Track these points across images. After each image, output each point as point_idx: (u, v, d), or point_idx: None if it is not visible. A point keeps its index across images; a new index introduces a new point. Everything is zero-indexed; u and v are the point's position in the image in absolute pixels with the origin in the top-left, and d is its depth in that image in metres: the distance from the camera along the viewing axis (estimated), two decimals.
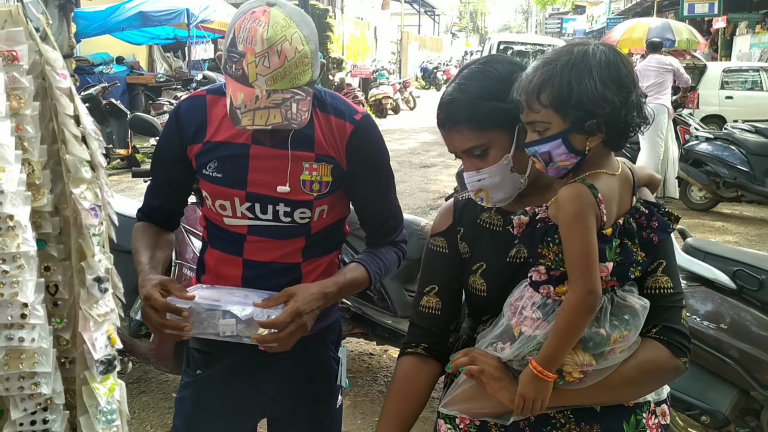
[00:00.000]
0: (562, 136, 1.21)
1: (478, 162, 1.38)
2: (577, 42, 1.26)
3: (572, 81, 1.18)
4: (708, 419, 2.67)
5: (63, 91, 1.10)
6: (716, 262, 2.76)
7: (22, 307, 1.02)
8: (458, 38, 52.32)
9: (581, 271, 1.20)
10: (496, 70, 1.36)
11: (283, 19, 1.36)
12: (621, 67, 1.22)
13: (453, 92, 1.39)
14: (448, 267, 1.52)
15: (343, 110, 1.59)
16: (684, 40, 13.24)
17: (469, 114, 1.35)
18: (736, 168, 7.08)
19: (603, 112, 1.19)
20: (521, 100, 1.25)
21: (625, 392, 1.31)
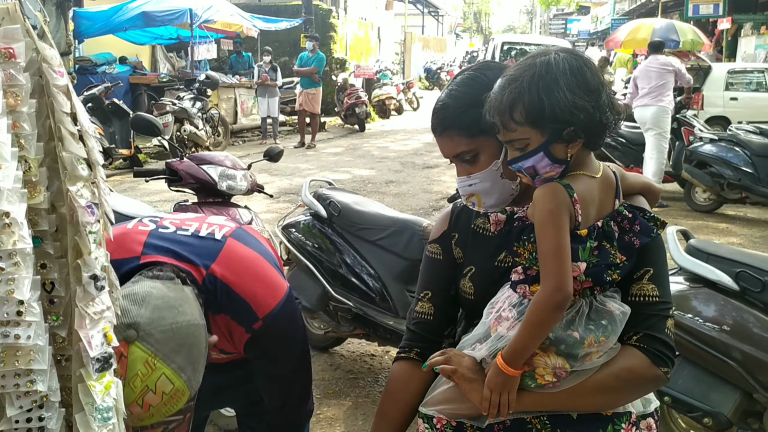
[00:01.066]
0: (543, 148, 1.23)
1: (469, 167, 1.40)
2: (538, 53, 1.27)
3: (542, 95, 1.19)
4: (710, 421, 2.66)
5: (60, 88, 1.09)
6: (719, 264, 2.74)
7: (18, 305, 1.02)
8: (462, 39, 52.30)
9: (551, 268, 1.21)
10: (486, 77, 1.37)
11: (144, 363, 1.18)
12: (585, 71, 1.23)
13: (445, 98, 1.42)
14: (441, 273, 1.54)
15: (242, 315, 1.50)
16: (688, 41, 13.22)
17: (458, 120, 1.37)
18: (741, 169, 7.06)
19: (578, 119, 1.20)
20: (495, 120, 1.25)
21: (600, 399, 1.29)
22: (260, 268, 1.56)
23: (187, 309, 1.28)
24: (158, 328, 1.21)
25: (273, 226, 3.91)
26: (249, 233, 1.66)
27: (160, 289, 1.29)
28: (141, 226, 1.55)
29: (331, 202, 3.64)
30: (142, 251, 1.46)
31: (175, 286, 1.33)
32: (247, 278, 1.51)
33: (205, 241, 1.53)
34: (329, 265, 3.60)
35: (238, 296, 1.48)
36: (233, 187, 3.41)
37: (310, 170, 9.96)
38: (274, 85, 12.95)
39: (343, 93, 15.70)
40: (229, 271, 1.49)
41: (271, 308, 1.52)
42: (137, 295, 1.25)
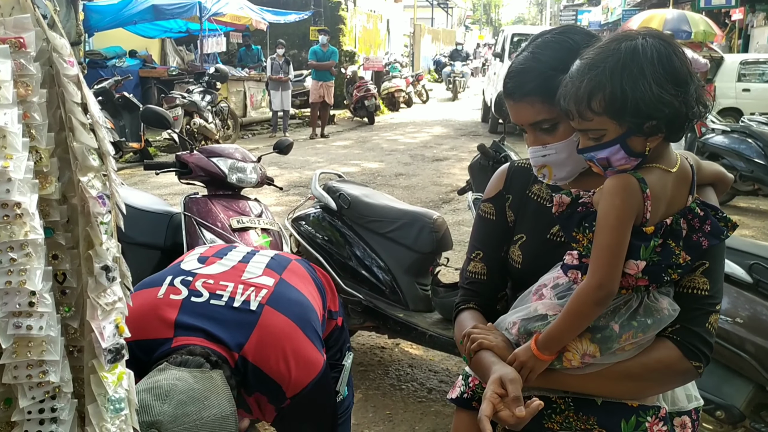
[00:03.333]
0: (620, 141, 1.16)
1: (545, 137, 1.32)
2: (622, 36, 1.18)
3: (625, 86, 1.11)
4: (723, 414, 2.64)
5: (70, 78, 1.09)
6: (732, 256, 2.71)
7: (30, 296, 1.02)
8: (471, 31, 52.02)
9: (600, 264, 1.17)
10: (573, 41, 1.30)
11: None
12: (674, 60, 1.14)
13: (525, 61, 1.32)
14: (494, 234, 1.49)
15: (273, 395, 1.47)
16: (701, 31, 13.07)
17: (541, 85, 1.28)
18: (753, 161, 7.00)
19: (662, 114, 1.12)
20: (570, 107, 1.18)
21: (625, 387, 1.26)
22: (295, 345, 1.49)
23: (214, 401, 1.24)
24: (181, 425, 1.17)
25: (283, 219, 3.91)
26: (290, 286, 1.58)
27: (186, 381, 1.24)
28: (173, 294, 1.48)
29: (341, 195, 3.63)
30: (174, 333, 1.42)
31: (203, 375, 1.28)
32: (280, 359, 1.45)
33: (239, 314, 1.47)
34: (339, 258, 3.60)
35: (269, 378, 1.45)
36: (243, 180, 3.41)
37: (320, 163, 9.96)
38: (287, 79, 12.95)
39: (352, 86, 15.68)
40: (261, 353, 1.44)
41: (303, 387, 1.47)
42: (161, 388, 1.21)
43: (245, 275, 1.57)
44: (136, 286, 1.58)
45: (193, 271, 1.57)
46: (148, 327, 1.42)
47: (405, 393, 3.49)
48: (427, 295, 3.51)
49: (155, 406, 1.18)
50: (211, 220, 3.19)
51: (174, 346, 1.39)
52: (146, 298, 1.50)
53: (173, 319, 1.44)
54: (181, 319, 1.44)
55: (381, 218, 3.55)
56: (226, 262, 1.62)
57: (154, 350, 1.39)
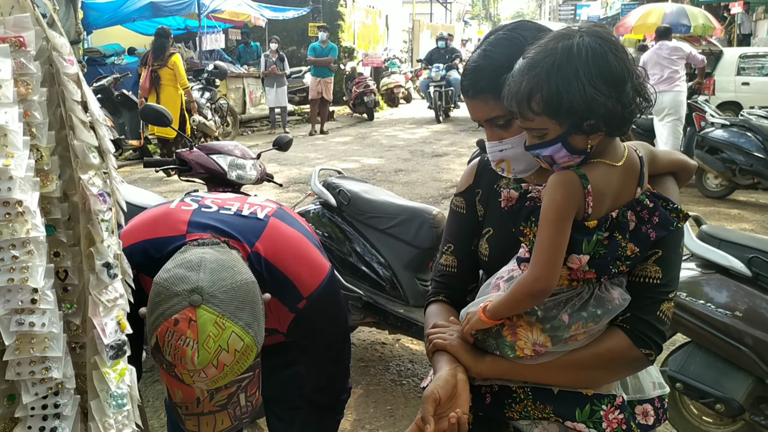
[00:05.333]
0: (561, 140, 1.19)
1: (501, 132, 1.36)
2: (560, 34, 1.20)
3: (559, 87, 1.14)
4: (722, 407, 2.65)
5: (70, 77, 1.10)
6: (731, 249, 2.73)
7: (32, 293, 1.03)
8: (470, 26, 51.96)
9: (539, 258, 1.20)
10: (523, 37, 1.32)
11: (213, 324, 1.18)
12: (610, 58, 1.15)
13: (478, 59, 1.36)
14: (464, 227, 1.53)
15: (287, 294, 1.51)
16: (700, 25, 13.05)
17: (493, 82, 1.30)
18: (753, 155, 7.00)
19: (597, 113, 1.15)
20: (513, 107, 1.21)
21: (577, 376, 1.28)
22: (303, 247, 1.57)
23: (241, 268, 1.30)
24: (220, 288, 1.21)
25: None
26: (290, 214, 1.68)
27: (211, 254, 1.29)
28: (184, 206, 1.56)
29: (341, 191, 3.64)
30: (187, 230, 1.48)
31: (224, 249, 1.35)
32: (290, 257, 1.52)
33: (248, 220, 1.54)
34: (339, 254, 3.60)
35: (282, 274, 1.49)
36: (243, 177, 3.41)
37: (319, 159, 9.96)
38: (282, 75, 12.92)
39: (351, 82, 15.67)
40: (273, 249, 1.50)
41: (315, 287, 1.53)
42: (191, 261, 1.25)
43: (249, 200, 1.65)
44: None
45: (201, 195, 1.65)
46: (161, 228, 1.48)
47: (406, 388, 3.50)
48: (427, 290, 3.51)
49: (191, 275, 1.21)
50: None
51: (187, 240, 1.44)
52: (158, 209, 1.57)
53: (186, 219, 1.50)
54: (194, 220, 1.50)
55: (381, 214, 3.55)
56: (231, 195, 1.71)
57: (167, 246, 1.44)
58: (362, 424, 3.17)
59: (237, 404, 1.28)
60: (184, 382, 1.19)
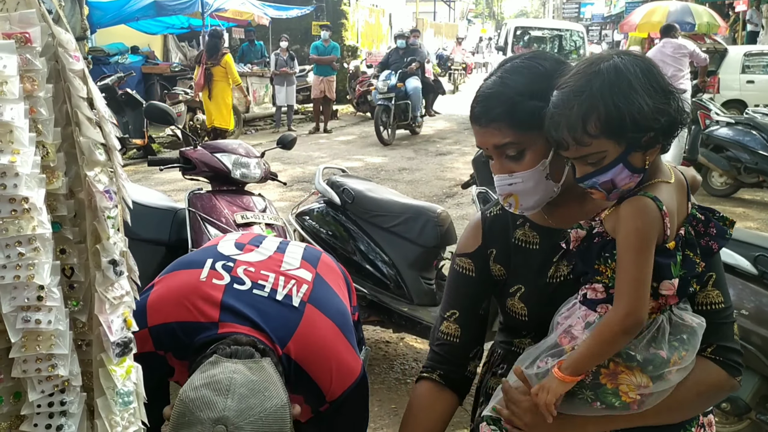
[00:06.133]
0: (622, 159, 1.14)
1: (512, 164, 1.29)
2: (596, 58, 1.17)
3: (618, 103, 1.10)
4: (729, 406, 2.65)
5: (76, 73, 1.09)
6: (737, 248, 2.71)
7: (39, 290, 1.02)
8: (474, 24, 51.90)
9: (627, 292, 1.13)
10: (543, 67, 1.28)
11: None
12: (654, 71, 1.15)
13: (494, 85, 1.30)
14: (472, 292, 1.45)
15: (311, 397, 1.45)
16: (704, 23, 13.02)
17: (509, 110, 1.26)
18: (758, 153, 6.97)
19: (659, 124, 1.12)
20: (562, 137, 1.15)
21: (681, 414, 1.26)
22: (336, 348, 1.48)
23: (273, 391, 1.22)
24: (247, 419, 1.15)
25: (287, 214, 3.92)
26: (326, 284, 1.57)
27: (243, 374, 1.21)
28: (215, 279, 1.47)
29: (345, 190, 3.64)
30: (220, 317, 1.40)
31: (257, 365, 1.26)
32: (321, 361, 1.45)
33: (282, 309, 1.45)
34: (343, 253, 3.60)
35: (310, 380, 1.43)
36: (247, 175, 3.41)
37: (323, 158, 9.96)
38: (292, 74, 12.93)
39: (355, 80, 15.64)
40: (305, 352, 1.43)
41: (340, 393, 1.47)
42: (221, 383, 1.18)
43: (284, 266, 1.55)
44: (172, 264, 1.57)
45: (232, 257, 1.55)
46: (191, 309, 1.40)
47: (410, 387, 3.50)
48: (431, 289, 3.51)
49: (218, 401, 1.15)
50: (216, 215, 3.20)
51: (220, 333, 1.37)
52: (188, 279, 1.47)
53: (219, 300, 1.42)
54: (226, 302, 1.42)
55: (385, 213, 3.55)
56: (263, 251, 1.60)
57: (198, 333, 1.38)
58: None
59: None
60: None
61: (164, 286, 1.49)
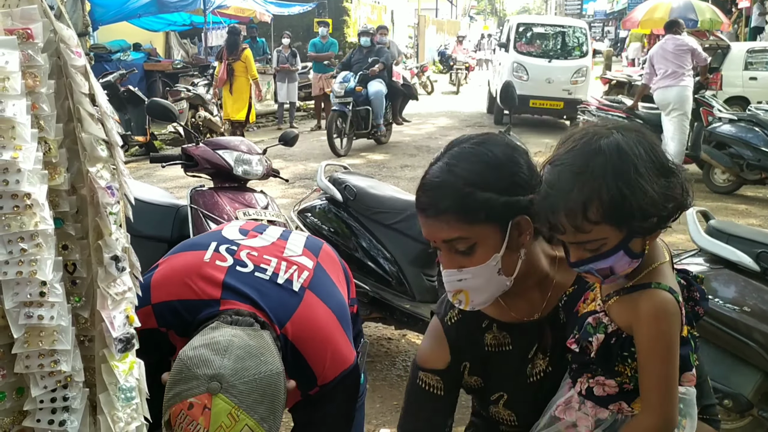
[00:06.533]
0: (623, 246, 1.06)
1: (461, 259, 1.22)
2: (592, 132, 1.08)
3: (622, 189, 1.01)
4: (731, 403, 2.64)
5: (78, 69, 1.09)
6: (739, 244, 2.71)
7: (41, 286, 1.03)
8: (476, 21, 51.81)
9: (660, 397, 1.07)
10: (493, 154, 1.20)
11: (227, 415, 1.15)
12: (658, 150, 1.07)
13: (441, 174, 1.21)
14: (440, 411, 1.36)
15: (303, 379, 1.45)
16: (707, 20, 13.00)
17: (458, 203, 1.17)
18: (760, 150, 6.96)
19: (667, 210, 1.05)
20: (559, 221, 1.06)
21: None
22: (332, 335, 1.50)
23: (269, 357, 1.25)
24: (242, 379, 1.18)
25: (289, 211, 3.92)
26: (326, 274, 1.60)
27: (241, 338, 1.25)
28: (219, 261, 1.49)
29: (347, 186, 3.64)
30: (221, 295, 1.43)
31: (255, 333, 1.29)
32: (317, 344, 1.47)
33: (282, 292, 1.48)
34: (345, 249, 3.60)
35: (305, 361, 1.45)
36: (249, 172, 3.41)
37: (325, 155, 9.95)
38: (294, 70, 12.92)
39: None
40: (302, 334, 1.45)
41: (331, 379, 1.48)
42: (219, 344, 1.22)
43: (286, 252, 1.57)
44: (177, 246, 1.61)
45: (236, 241, 1.57)
46: (194, 287, 1.43)
47: None
48: (433, 285, 3.51)
49: (215, 360, 1.18)
50: (218, 212, 3.20)
51: (221, 309, 1.40)
52: (192, 259, 1.50)
53: (221, 280, 1.45)
54: (228, 282, 1.45)
55: (387, 209, 3.55)
56: (267, 238, 1.63)
57: (200, 311, 1.40)
58: (368, 419, 3.17)
59: None
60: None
61: (168, 266, 1.52)
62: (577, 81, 12.21)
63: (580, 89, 12.13)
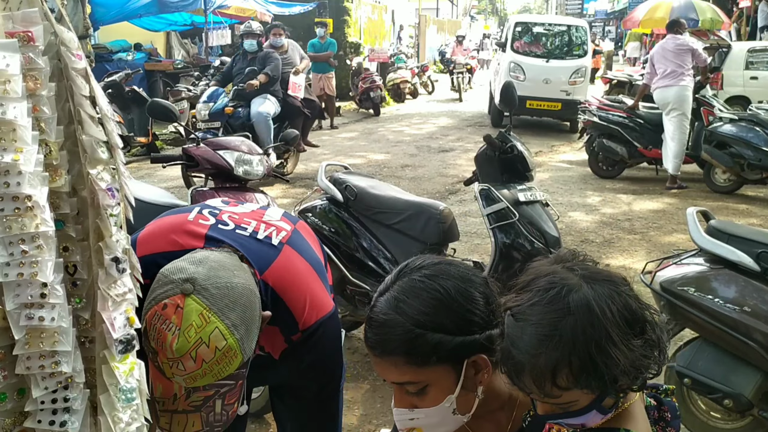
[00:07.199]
0: (596, 406, 1.00)
1: (414, 399, 1.16)
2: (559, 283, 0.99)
3: (595, 357, 0.94)
4: (731, 403, 2.65)
5: (78, 71, 1.10)
6: (740, 244, 2.71)
7: (42, 287, 1.03)
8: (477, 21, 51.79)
9: None
10: (444, 289, 1.12)
11: (199, 315, 1.19)
12: (631, 304, 0.99)
13: (389, 310, 1.13)
14: None
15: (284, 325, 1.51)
16: (707, 19, 12.99)
17: (407, 346, 1.10)
18: (761, 149, 6.96)
19: (641, 375, 0.99)
20: (528, 387, 0.99)
21: None
22: (310, 283, 1.57)
23: (242, 274, 1.32)
24: (214, 284, 1.24)
25: (290, 211, 3.92)
26: (304, 238, 1.66)
27: (217, 255, 1.33)
28: (202, 219, 1.56)
29: (347, 186, 3.64)
30: (204, 245, 1.48)
31: (232, 256, 1.37)
32: (296, 290, 1.52)
33: (262, 245, 1.54)
34: (346, 249, 3.61)
35: (284, 305, 1.50)
36: (250, 172, 3.42)
37: (326, 155, 9.95)
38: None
39: (357, 77, 15.63)
40: (281, 281, 1.50)
41: (312, 323, 1.53)
42: (195, 257, 1.30)
43: (265, 217, 1.64)
44: (162, 213, 1.66)
45: (218, 207, 1.65)
46: (178, 240, 1.49)
47: None
48: None
49: (190, 267, 1.25)
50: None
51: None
52: (176, 219, 1.57)
53: (203, 234, 1.51)
54: (211, 234, 1.51)
55: (387, 209, 3.55)
56: (247, 207, 1.71)
57: None
58: (369, 419, 3.17)
59: (212, 409, 1.28)
60: (165, 373, 1.22)
61: (154, 225, 1.58)
62: (576, 81, 11.93)
63: (579, 90, 11.85)
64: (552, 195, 7.36)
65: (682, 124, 7.61)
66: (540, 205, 3.71)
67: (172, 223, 1.56)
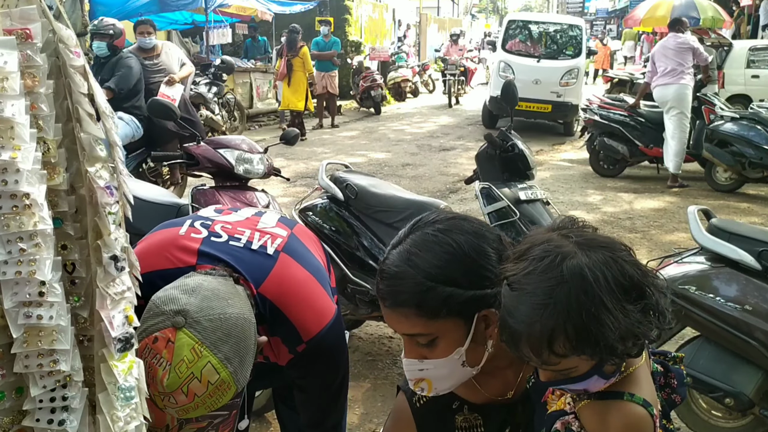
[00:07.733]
0: (596, 371, 1.01)
1: (424, 350, 1.16)
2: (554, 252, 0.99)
3: (590, 324, 0.94)
4: (732, 401, 2.64)
5: (77, 69, 1.09)
6: (741, 243, 2.71)
7: (40, 285, 1.03)
8: (478, 19, 51.72)
9: None
10: (456, 244, 1.12)
11: (190, 349, 1.16)
12: (627, 269, 0.98)
13: (401, 263, 1.13)
14: None
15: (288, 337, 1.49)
16: (709, 18, 12.97)
17: (417, 298, 1.10)
18: (762, 148, 6.95)
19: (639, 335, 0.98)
20: (527, 355, 1.00)
21: None
22: (309, 291, 1.53)
23: (237, 303, 1.27)
24: (206, 316, 1.20)
25: (290, 210, 3.92)
26: (301, 243, 1.63)
27: (211, 282, 1.28)
28: (194, 233, 1.53)
29: (348, 185, 3.63)
30: (197, 261, 1.46)
31: (227, 281, 1.33)
32: (295, 301, 1.49)
33: (257, 256, 1.51)
34: (347, 248, 3.60)
35: (285, 318, 1.48)
36: (250, 171, 3.42)
37: (326, 154, 9.95)
38: None
39: (358, 76, 15.62)
40: (279, 292, 1.47)
41: (316, 333, 1.50)
42: (188, 285, 1.26)
43: (260, 225, 1.61)
44: (154, 228, 1.64)
45: (211, 217, 1.62)
46: (170, 258, 1.46)
47: None
48: None
49: (182, 297, 1.22)
50: None
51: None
52: (168, 234, 1.54)
53: (196, 248, 1.48)
54: (204, 249, 1.48)
55: (388, 208, 3.55)
56: (242, 214, 1.68)
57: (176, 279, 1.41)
58: (370, 417, 3.17)
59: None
60: (157, 404, 1.20)
61: (145, 243, 1.55)
62: (568, 83, 11.37)
63: (570, 92, 11.31)
64: (553, 194, 7.35)
65: (681, 123, 7.60)
66: (541, 203, 3.70)
67: (163, 239, 1.53)
